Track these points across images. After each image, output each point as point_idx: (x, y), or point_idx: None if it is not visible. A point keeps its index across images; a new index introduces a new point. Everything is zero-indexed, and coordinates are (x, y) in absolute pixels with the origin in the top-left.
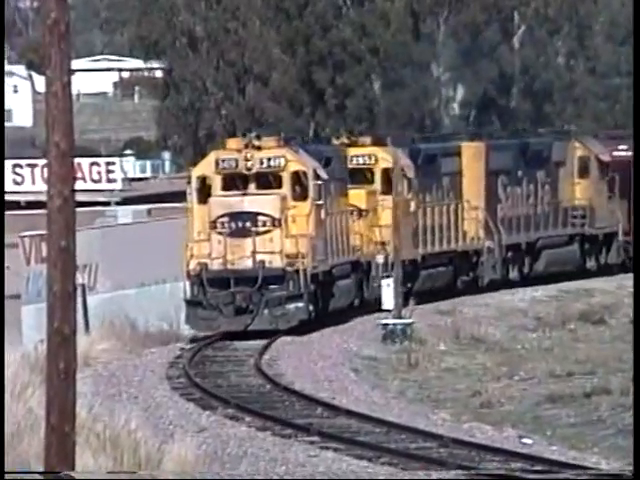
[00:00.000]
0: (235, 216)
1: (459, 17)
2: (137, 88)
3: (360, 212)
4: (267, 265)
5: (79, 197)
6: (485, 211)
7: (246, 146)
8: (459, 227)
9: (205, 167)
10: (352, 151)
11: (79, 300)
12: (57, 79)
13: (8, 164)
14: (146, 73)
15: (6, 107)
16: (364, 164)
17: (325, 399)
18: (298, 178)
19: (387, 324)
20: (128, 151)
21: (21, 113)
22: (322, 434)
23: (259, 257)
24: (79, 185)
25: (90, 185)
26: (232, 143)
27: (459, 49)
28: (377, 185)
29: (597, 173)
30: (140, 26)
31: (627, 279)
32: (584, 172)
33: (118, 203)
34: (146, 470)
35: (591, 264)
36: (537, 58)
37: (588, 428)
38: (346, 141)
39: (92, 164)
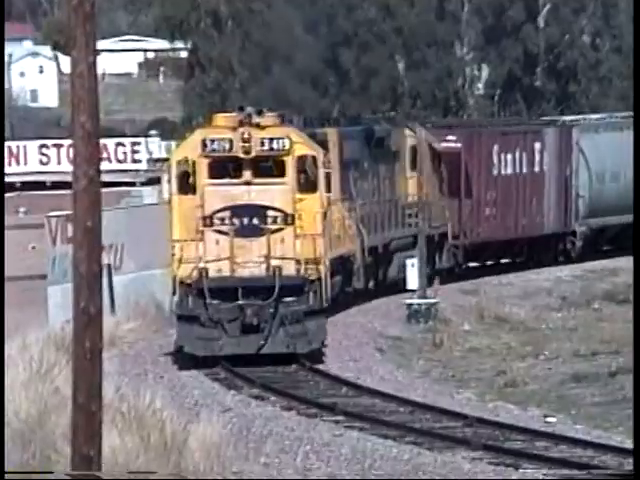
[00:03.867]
0: (239, 210)
1: None
2: (162, 68)
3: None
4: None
5: (104, 177)
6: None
7: (241, 123)
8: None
9: (189, 149)
10: None
11: (105, 280)
12: (82, 60)
13: (34, 145)
14: (171, 53)
15: (32, 88)
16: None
17: (350, 379)
18: (304, 164)
19: (411, 304)
20: (153, 131)
21: (47, 94)
22: (347, 413)
23: (273, 262)
24: (104, 165)
25: (115, 165)
26: (223, 120)
27: (483, 28)
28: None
29: (430, 165)
30: (165, 6)
31: None
32: (417, 164)
33: (143, 183)
34: (173, 450)
35: (427, 270)
36: (562, 37)
37: (613, 407)
38: None
39: (117, 144)
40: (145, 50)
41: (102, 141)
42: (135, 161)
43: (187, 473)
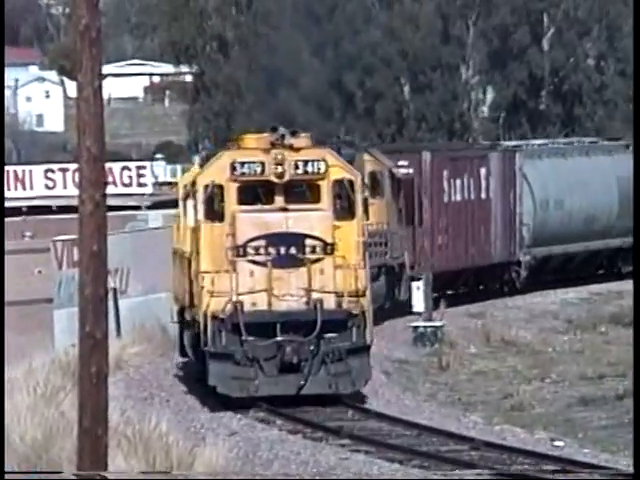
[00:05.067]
0: (276, 239)
1: (488, 20)
2: (167, 92)
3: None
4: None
5: (110, 201)
6: None
7: (272, 145)
8: None
9: (216, 173)
10: None
11: (110, 304)
12: (88, 84)
13: (40, 169)
14: (176, 77)
15: (38, 112)
16: None
17: (356, 402)
18: (341, 189)
19: (417, 327)
20: (159, 155)
21: (53, 118)
22: (353, 437)
23: (314, 295)
24: (110, 189)
25: (121, 189)
26: (253, 141)
27: (488, 52)
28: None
29: (390, 192)
30: (170, 31)
31: None
32: (377, 190)
33: (149, 207)
34: (179, 472)
35: (388, 304)
36: (567, 60)
37: (620, 430)
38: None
39: (123, 168)
40: (151, 74)
41: (108, 165)
42: (141, 185)
43: None
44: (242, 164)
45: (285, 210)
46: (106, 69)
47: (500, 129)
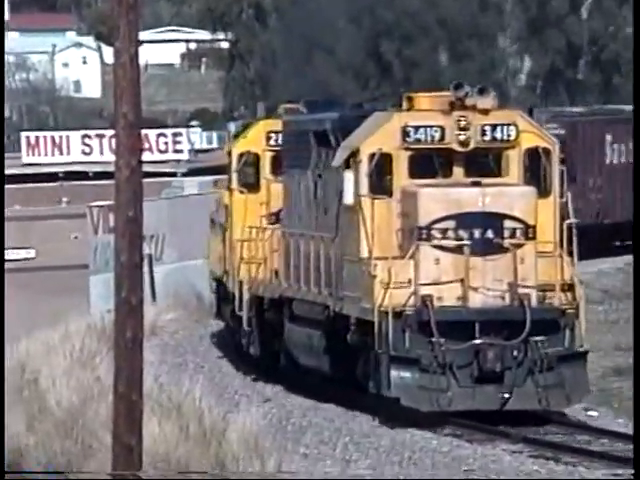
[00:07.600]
0: (468, 220)
1: None
2: (204, 59)
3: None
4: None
5: (146, 168)
6: None
7: (452, 106)
8: None
9: (383, 139)
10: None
11: (146, 270)
12: (125, 50)
13: (77, 135)
14: (213, 45)
15: (75, 78)
16: None
17: None
18: (533, 159)
19: None
20: (194, 122)
21: (90, 84)
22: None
23: (520, 289)
24: (146, 156)
25: (157, 156)
26: (429, 101)
27: (527, 20)
28: None
29: None
30: None
31: None
32: None
33: (184, 174)
34: (212, 440)
35: None
36: (605, 29)
37: None
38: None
39: (159, 135)
40: (187, 41)
41: (144, 131)
42: (176, 151)
43: (226, 463)
44: (417, 129)
45: (477, 185)
46: (143, 35)
47: (537, 98)
